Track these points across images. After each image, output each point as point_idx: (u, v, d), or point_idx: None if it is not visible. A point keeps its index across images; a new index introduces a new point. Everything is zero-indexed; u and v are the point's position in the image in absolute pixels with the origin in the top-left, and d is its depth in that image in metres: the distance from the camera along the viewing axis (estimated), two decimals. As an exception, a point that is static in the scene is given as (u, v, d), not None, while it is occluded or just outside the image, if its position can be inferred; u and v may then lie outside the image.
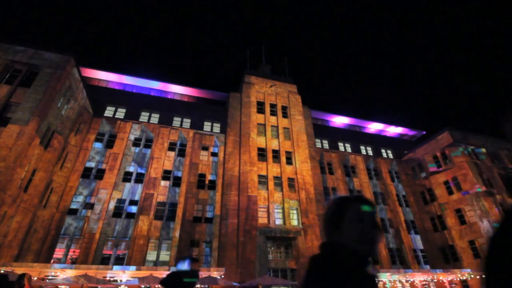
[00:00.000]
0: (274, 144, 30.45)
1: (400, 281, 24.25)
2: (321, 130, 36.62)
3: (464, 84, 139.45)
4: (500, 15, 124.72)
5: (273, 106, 33.57)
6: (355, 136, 38.59)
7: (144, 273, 17.14)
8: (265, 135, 30.70)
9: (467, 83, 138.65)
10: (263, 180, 27.86)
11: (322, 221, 1.55)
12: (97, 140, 26.57)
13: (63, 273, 16.36)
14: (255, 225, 24.44)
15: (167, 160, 27.39)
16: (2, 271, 14.27)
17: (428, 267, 29.42)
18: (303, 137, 31.56)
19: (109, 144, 26.61)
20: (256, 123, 31.08)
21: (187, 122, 30.70)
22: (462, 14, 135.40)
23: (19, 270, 15.04)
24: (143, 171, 26.08)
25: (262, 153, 29.49)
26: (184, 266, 4.44)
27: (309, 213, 26.72)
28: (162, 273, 17.86)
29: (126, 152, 26.31)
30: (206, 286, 18.48)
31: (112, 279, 17.06)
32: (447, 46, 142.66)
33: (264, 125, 31.52)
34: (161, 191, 25.55)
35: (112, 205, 23.43)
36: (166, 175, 26.64)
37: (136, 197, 24.54)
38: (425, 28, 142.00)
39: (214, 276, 18.31)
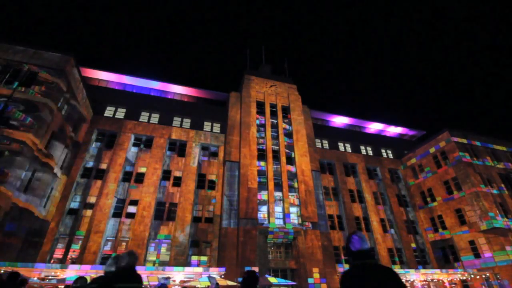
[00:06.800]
0: (274, 144, 30.42)
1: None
2: (321, 130, 36.60)
3: (464, 84, 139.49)
4: (500, 15, 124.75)
5: (273, 106, 33.52)
6: (355, 136, 38.58)
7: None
8: (265, 135, 30.68)
9: (467, 83, 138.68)
10: (263, 180, 27.83)
11: None
12: (97, 140, 26.59)
13: (63, 273, 16.35)
14: (255, 225, 24.43)
15: (167, 160, 27.41)
16: (2, 271, 14.26)
17: (428, 267, 29.45)
18: (303, 137, 31.52)
19: (109, 144, 26.62)
20: (256, 123, 31.06)
21: (187, 122, 30.70)
22: (462, 13, 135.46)
23: (19, 270, 15.03)
24: (143, 171, 26.09)
25: (262, 153, 29.47)
26: (111, 267, 3.38)
27: (309, 213, 26.69)
28: (162, 273, 17.85)
29: (126, 152, 26.31)
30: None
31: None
32: (447, 46, 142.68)
33: (264, 125, 31.50)
34: (161, 191, 25.58)
35: (112, 205, 23.42)
36: (166, 175, 26.66)
37: (136, 197, 24.54)
38: (425, 28, 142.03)
39: (214, 276, 18.29)
